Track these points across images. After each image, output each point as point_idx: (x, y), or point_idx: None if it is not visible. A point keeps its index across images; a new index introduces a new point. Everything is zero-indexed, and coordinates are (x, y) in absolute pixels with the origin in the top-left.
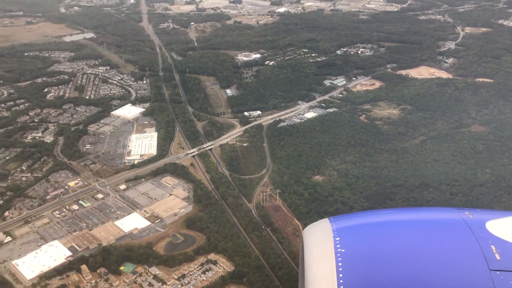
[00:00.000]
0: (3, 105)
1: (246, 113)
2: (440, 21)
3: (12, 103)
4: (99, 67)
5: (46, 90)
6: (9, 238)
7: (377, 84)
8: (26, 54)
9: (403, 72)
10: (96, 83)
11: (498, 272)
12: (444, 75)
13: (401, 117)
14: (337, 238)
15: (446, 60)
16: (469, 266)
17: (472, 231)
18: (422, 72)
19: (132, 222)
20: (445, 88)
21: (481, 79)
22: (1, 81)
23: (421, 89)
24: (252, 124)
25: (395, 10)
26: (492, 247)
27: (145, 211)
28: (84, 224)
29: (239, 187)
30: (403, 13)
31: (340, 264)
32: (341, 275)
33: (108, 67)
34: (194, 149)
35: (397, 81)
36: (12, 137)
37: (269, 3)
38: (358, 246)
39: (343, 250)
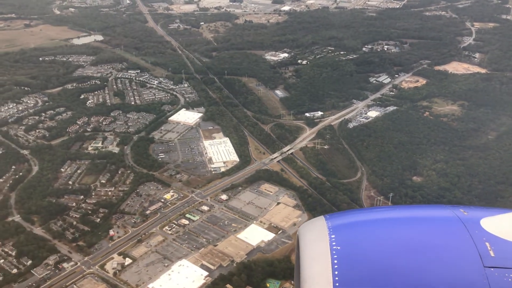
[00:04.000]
0: (43, 114)
1: (307, 114)
2: (447, 17)
3: (52, 111)
4: (129, 71)
5: (82, 96)
6: (129, 260)
7: (421, 80)
8: (41, 59)
9: (440, 68)
10: (135, 87)
11: (492, 269)
12: (479, 69)
13: (464, 113)
14: (333, 236)
15: (474, 55)
16: (463, 263)
17: (466, 229)
18: (457, 68)
19: (256, 235)
20: (491, 83)
21: None
22: (28, 89)
23: (470, 84)
24: (320, 125)
25: (398, 6)
26: (487, 244)
27: (261, 221)
28: (204, 240)
29: (344, 192)
30: (407, 10)
31: (335, 261)
32: (336, 273)
33: (138, 71)
34: (276, 154)
35: (440, 77)
36: (71, 149)
37: (270, 1)
38: (354, 244)
39: (338, 248)
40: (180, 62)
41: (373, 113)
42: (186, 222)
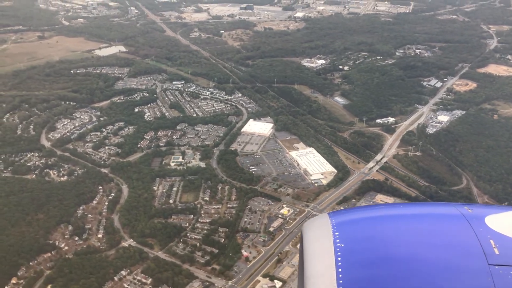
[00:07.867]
0: (104, 129)
1: (379, 121)
2: (460, 21)
3: (112, 126)
4: (173, 82)
5: (137, 110)
6: (278, 282)
7: (470, 83)
8: (72, 71)
9: (481, 70)
10: (188, 99)
11: (497, 267)
12: None
13: None
14: (337, 233)
15: (507, 57)
16: (468, 261)
17: (471, 226)
18: (497, 70)
19: None
20: None
21: None
22: (73, 103)
23: None
24: (398, 131)
25: (407, 11)
26: (491, 241)
27: None
28: None
29: (464, 200)
30: (419, 14)
31: (339, 259)
32: (340, 270)
33: (183, 82)
34: (371, 163)
35: (488, 79)
36: (151, 165)
37: (280, 8)
38: (357, 241)
39: (342, 245)
40: (221, 72)
41: (443, 118)
42: None
